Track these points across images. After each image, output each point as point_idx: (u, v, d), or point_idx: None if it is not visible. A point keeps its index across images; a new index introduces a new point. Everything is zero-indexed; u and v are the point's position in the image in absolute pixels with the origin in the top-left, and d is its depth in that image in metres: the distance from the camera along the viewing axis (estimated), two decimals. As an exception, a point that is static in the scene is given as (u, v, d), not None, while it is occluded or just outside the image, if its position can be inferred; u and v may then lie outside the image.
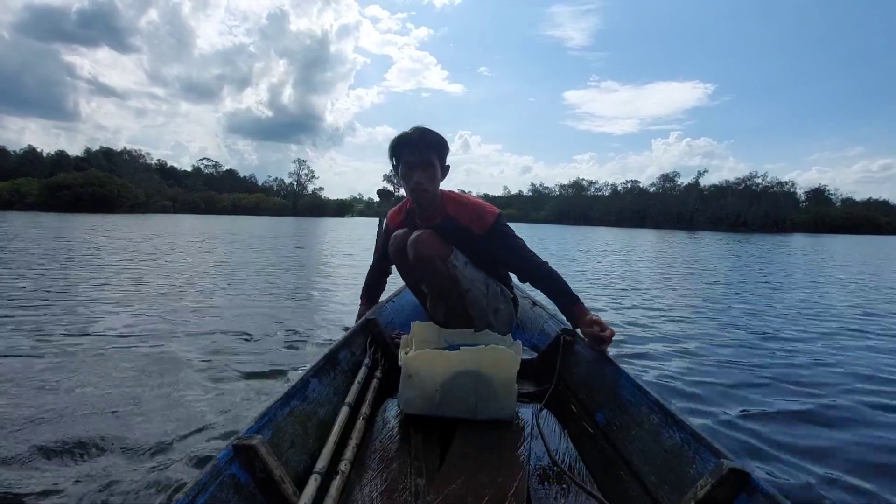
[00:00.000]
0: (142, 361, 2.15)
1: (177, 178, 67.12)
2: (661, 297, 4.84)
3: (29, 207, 38.40)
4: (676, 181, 74.89)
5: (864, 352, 2.85)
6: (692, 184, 72.15)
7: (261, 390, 1.83)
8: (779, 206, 61.57)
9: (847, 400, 2.01)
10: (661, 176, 77.34)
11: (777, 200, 63.05)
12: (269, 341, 2.57)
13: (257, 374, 2.03)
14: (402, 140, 1.60)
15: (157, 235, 11.62)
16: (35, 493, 1.12)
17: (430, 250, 1.59)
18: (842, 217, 63.39)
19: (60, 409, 1.59)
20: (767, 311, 4.16)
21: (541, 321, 2.04)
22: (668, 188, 74.57)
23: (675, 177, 75.53)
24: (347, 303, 3.83)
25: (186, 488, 0.69)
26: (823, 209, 66.43)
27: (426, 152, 1.59)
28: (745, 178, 68.25)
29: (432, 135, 1.59)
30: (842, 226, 61.04)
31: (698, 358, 2.56)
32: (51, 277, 4.53)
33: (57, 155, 59.21)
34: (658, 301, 4.53)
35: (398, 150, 1.62)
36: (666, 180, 75.79)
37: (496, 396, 1.22)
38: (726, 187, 68.16)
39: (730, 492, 0.74)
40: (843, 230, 58.88)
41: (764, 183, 66.37)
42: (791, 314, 4.06)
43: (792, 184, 68.15)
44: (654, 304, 4.32)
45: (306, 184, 75.95)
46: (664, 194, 72.97)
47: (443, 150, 1.62)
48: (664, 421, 0.99)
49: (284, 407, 0.99)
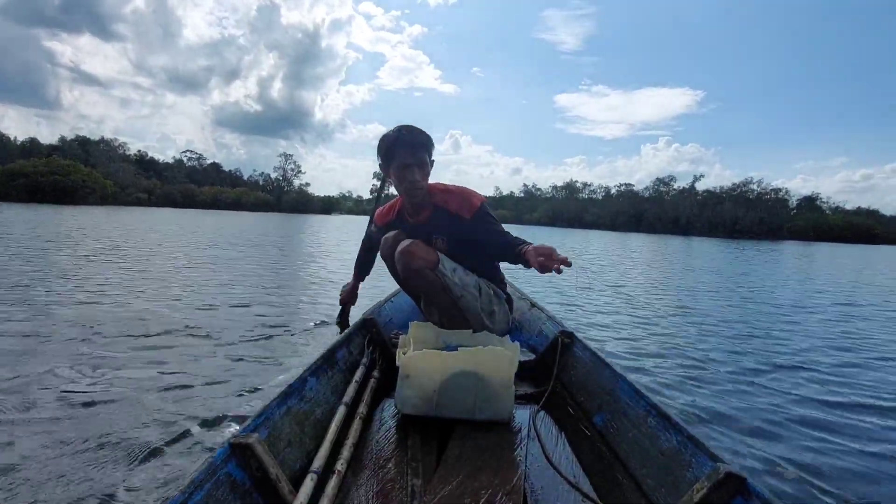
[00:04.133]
0: (135, 360, 2.13)
1: (157, 170, 65.94)
2: (662, 300, 4.91)
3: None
4: (672, 185, 75.78)
5: (864, 357, 2.93)
6: (688, 188, 73.11)
7: (258, 389, 1.84)
8: (774, 214, 62.62)
9: (845, 405, 2.07)
10: (656, 179, 78.26)
11: (772, 207, 64.17)
12: (267, 341, 2.57)
13: (254, 373, 2.04)
14: (397, 141, 1.66)
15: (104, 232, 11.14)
16: (27, 492, 1.12)
17: (418, 262, 1.64)
18: (840, 226, 64.17)
19: (52, 409, 1.58)
20: (767, 318, 4.25)
21: (539, 323, 2.07)
22: (663, 192, 75.39)
23: (670, 181, 76.42)
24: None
25: (182, 486, 0.70)
26: (822, 217, 67.32)
27: (420, 152, 1.67)
28: (740, 185, 69.34)
29: (422, 135, 1.68)
30: (840, 234, 61.80)
31: (696, 362, 2.62)
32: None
33: (28, 142, 57.72)
34: (657, 305, 4.60)
35: (391, 151, 1.68)
36: (661, 184, 76.64)
37: (494, 397, 1.24)
38: (722, 193, 69.14)
39: (726, 495, 0.77)
40: (842, 239, 59.76)
41: (759, 189, 67.51)
42: (791, 321, 4.15)
43: (786, 191, 69.44)
44: (654, 307, 4.38)
45: (292, 179, 75.02)
46: (659, 198, 73.77)
47: (431, 147, 1.72)
48: (661, 424, 1.02)
49: (281, 406, 1.00)
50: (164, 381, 1.88)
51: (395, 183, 1.75)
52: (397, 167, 1.68)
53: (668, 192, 75.22)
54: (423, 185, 1.70)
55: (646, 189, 78.64)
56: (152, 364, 2.08)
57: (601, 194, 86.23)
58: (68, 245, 7.08)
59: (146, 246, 7.81)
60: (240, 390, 1.82)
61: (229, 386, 1.86)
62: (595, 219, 73.73)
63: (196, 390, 1.80)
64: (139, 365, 2.06)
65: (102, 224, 13.34)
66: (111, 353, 2.22)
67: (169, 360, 2.15)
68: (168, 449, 1.34)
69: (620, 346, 2.90)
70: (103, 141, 62.23)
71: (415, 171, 1.66)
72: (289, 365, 2.17)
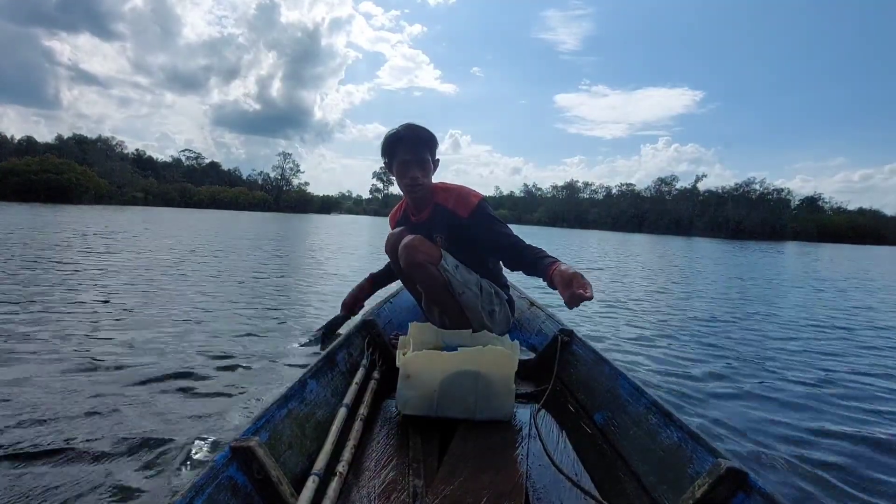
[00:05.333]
0: (133, 363, 2.14)
1: (154, 169, 65.95)
2: (661, 301, 4.92)
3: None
4: (674, 185, 75.78)
5: (866, 357, 2.94)
6: (689, 188, 73.14)
7: (258, 392, 1.85)
8: (777, 214, 62.63)
9: (847, 402, 2.08)
10: (658, 179, 78.28)
11: (775, 208, 64.20)
12: (267, 343, 2.58)
13: (254, 376, 2.04)
14: (397, 139, 1.69)
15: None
16: (25, 496, 1.12)
17: (421, 257, 1.66)
18: (845, 226, 63.78)
19: (51, 411, 1.59)
20: (770, 318, 4.26)
21: (538, 321, 2.08)
22: (665, 192, 75.39)
23: (672, 180, 76.41)
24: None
25: (184, 490, 0.70)
26: (827, 218, 67.22)
27: (420, 150, 1.69)
28: (742, 184, 69.37)
29: (424, 132, 1.69)
30: (846, 235, 61.43)
31: (697, 360, 2.62)
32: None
33: (25, 140, 57.65)
34: (658, 305, 4.61)
35: (393, 149, 1.71)
36: (662, 184, 76.64)
37: (494, 397, 1.25)
38: (724, 193, 69.18)
39: (727, 491, 0.77)
40: (847, 240, 59.46)
41: (761, 189, 67.54)
42: (795, 321, 4.17)
43: (788, 191, 69.47)
44: (653, 308, 4.39)
45: (291, 178, 75.08)
46: (660, 198, 73.79)
47: (434, 145, 1.73)
48: (662, 421, 1.02)
49: (282, 408, 1.01)
50: (162, 385, 1.88)
51: (397, 179, 1.77)
52: (398, 164, 1.71)
53: (670, 192, 75.22)
54: (423, 182, 1.72)
55: (647, 189, 78.66)
56: (150, 367, 2.09)
57: (602, 194, 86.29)
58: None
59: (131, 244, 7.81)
60: (240, 393, 1.82)
61: (229, 389, 1.87)
62: (596, 219, 73.77)
63: (195, 394, 1.80)
64: (135, 369, 2.06)
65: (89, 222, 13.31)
66: (108, 355, 2.22)
67: (166, 363, 2.16)
68: (168, 453, 1.34)
69: (620, 344, 2.91)
70: (100, 139, 62.34)
71: (414, 167, 1.68)
72: (289, 368, 2.18)
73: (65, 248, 6.65)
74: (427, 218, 1.80)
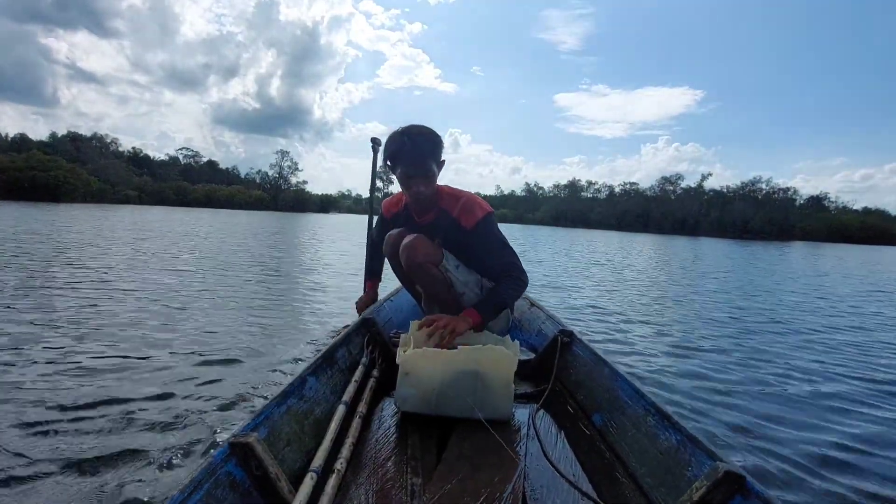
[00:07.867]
0: (133, 361, 2.16)
1: (151, 167, 65.93)
2: (662, 301, 4.93)
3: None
4: (678, 184, 75.45)
5: (864, 359, 2.96)
6: (695, 188, 72.89)
7: (258, 388, 1.87)
8: (784, 213, 62.39)
9: (845, 405, 2.10)
10: (662, 178, 78.02)
11: (782, 207, 63.99)
12: (267, 341, 2.60)
13: (254, 372, 2.07)
14: (399, 151, 1.62)
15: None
16: (27, 492, 1.14)
17: (422, 257, 1.66)
18: (856, 226, 63.08)
19: (52, 410, 1.60)
20: (769, 319, 4.27)
21: (538, 322, 2.09)
22: (669, 191, 75.15)
23: (676, 179, 76.05)
24: (347, 297, 3.88)
25: (182, 485, 0.72)
26: (834, 217, 66.66)
27: (425, 164, 1.62)
28: (748, 184, 69.15)
29: (427, 142, 1.61)
30: (857, 235, 60.74)
31: (697, 362, 2.64)
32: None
33: (18, 137, 57.65)
34: (658, 306, 4.62)
35: (394, 159, 1.65)
36: (666, 182, 76.39)
37: (493, 396, 1.26)
38: (729, 193, 68.99)
39: (725, 494, 0.78)
40: (855, 240, 58.96)
41: (767, 189, 67.33)
42: (795, 323, 4.17)
43: (794, 191, 69.25)
44: (654, 308, 4.40)
45: (289, 176, 74.94)
46: (665, 198, 73.57)
47: (438, 151, 1.66)
48: (661, 423, 1.04)
49: (281, 405, 1.02)
50: (160, 381, 1.91)
51: (401, 186, 1.74)
52: (401, 175, 1.66)
53: (675, 192, 74.97)
54: (428, 193, 1.68)
55: (651, 188, 78.42)
56: (149, 364, 2.11)
57: (605, 193, 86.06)
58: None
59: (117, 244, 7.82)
60: (239, 390, 1.85)
61: (229, 386, 1.89)
62: (600, 218, 73.54)
63: (195, 391, 1.83)
64: (134, 367, 2.09)
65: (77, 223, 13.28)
66: (105, 356, 2.24)
67: (166, 361, 2.18)
68: (168, 449, 1.37)
69: (620, 345, 2.93)
70: (95, 137, 62.32)
71: (418, 181, 1.64)
72: (288, 364, 2.20)
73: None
74: (429, 222, 1.78)
